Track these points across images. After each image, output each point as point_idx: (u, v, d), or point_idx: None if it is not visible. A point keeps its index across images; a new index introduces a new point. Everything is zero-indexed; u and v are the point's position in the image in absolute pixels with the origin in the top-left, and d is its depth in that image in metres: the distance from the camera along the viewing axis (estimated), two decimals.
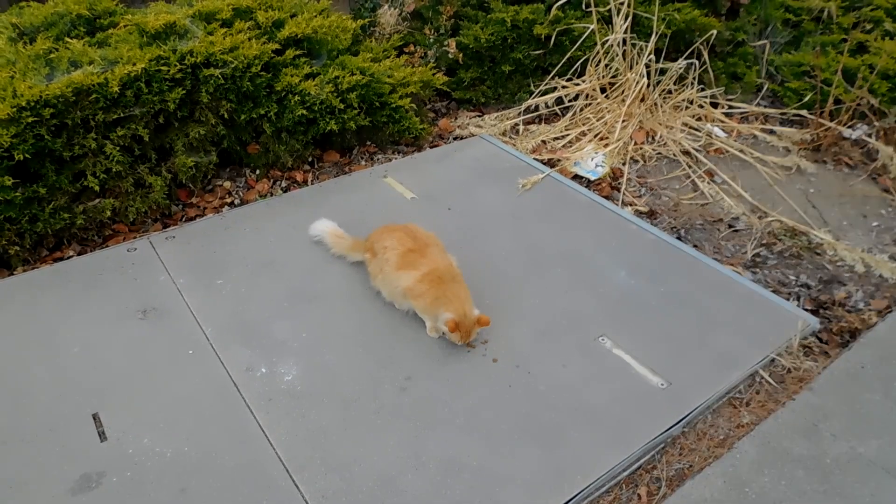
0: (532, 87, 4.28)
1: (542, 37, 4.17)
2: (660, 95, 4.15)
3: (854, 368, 2.53)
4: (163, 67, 3.06)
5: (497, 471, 2.15)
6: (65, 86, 2.85)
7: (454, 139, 4.12)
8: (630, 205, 3.54)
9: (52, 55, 3.05)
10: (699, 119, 4.21)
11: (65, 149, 2.93)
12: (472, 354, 2.57)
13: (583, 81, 4.17)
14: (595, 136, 4.02)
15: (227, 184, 3.56)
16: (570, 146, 3.99)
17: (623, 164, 3.83)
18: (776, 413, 2.36)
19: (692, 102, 4.24)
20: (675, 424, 2.33)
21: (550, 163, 3.83)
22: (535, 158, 3.85)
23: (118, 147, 3.04)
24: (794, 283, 3.04)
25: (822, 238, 3.29)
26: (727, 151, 4.00)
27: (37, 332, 2.60)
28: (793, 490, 2.10)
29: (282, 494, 2.07)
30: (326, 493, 2.07)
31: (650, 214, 3.49)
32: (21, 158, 2.78)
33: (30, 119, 2.77)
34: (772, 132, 4.19)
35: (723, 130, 4.17)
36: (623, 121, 4.01)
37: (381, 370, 2.49)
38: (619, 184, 3.69)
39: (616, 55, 4.05)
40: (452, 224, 3.25)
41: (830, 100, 4.01)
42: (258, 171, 3.63)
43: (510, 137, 4.11)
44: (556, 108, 4.25)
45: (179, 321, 2.67)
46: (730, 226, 3.41)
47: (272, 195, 3.51)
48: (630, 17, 3.97)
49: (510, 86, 4.38)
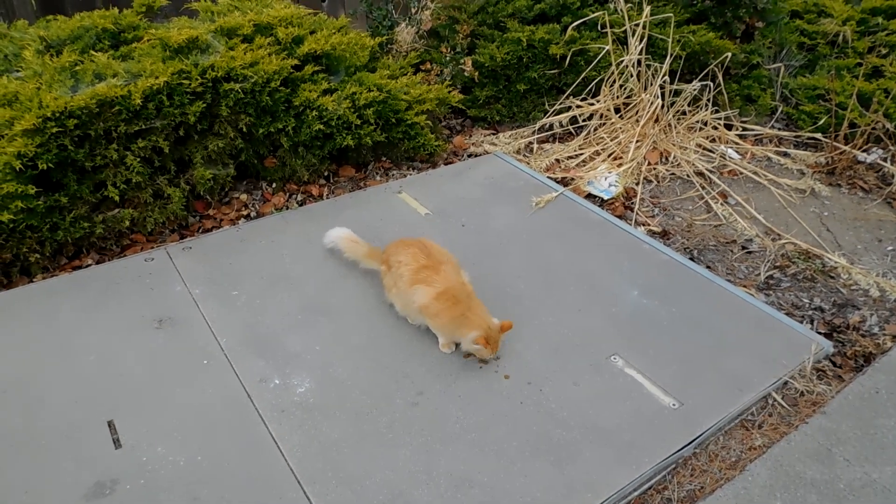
0: (547, 106, 4.31)
1: (558, 57, 4.21)
2: (674, 116, 4.17)
3: (868, 393, 2.52)
4: (184, 81, 3.12)
5: (507, 488, 2.15)
6: (89, 97, 2.90)
7: (469, 156, 4.15)
8: (643, 225, 3.55)
9: (78, 67, 3.12)
10: (713, 140, 4.22)
11: (87, 159, 2.98)
12: (485, 371, 2.58)
13: (597, 101, 4.20)
14: (609, 156, 4.04)
15: (244, 196, 3.61)
16: (584, 165, 4.01)
17: (636, 184, 3.84)
18: (789, 436, 2.35)
19: (706, 124, 4.25)
20: (687, 445, 2.32)
21: (564, 181, 3.85)
22: (549, 177, 3.87)
23: (138, 158, 3.10)
24: (808, 306, 3.03)
25: (837, 261, 3.28)
26: (741, 173, 4.00)
27: (54, 339, 2.64)
28: None
29: None
30: None
31: (663, 235, 3.49)
32: (45, 168, 2.84)
33: (54, 129, 2.83)
34: (786, 155, 4.19)
35: (737, 152, 4.17)
36: (637, 141, 4.03)
37: (394, 384, 2.50)
38: (633, 203, 3.70)
39: (631, 76, 4.08)
40: (466, 241, 3.27)
41: (845, 123, 4.02)
42: (274, 185, 3.68)
43: (524, 156, 4.13)
44: (571, 128, 4.27)
45: (195, 331, 2.70)
46: (743, 247, 3.41)
47: (288, 208, 3.55)
48: (645, 39, 4.01)
49: (525, 104, 4.41)
